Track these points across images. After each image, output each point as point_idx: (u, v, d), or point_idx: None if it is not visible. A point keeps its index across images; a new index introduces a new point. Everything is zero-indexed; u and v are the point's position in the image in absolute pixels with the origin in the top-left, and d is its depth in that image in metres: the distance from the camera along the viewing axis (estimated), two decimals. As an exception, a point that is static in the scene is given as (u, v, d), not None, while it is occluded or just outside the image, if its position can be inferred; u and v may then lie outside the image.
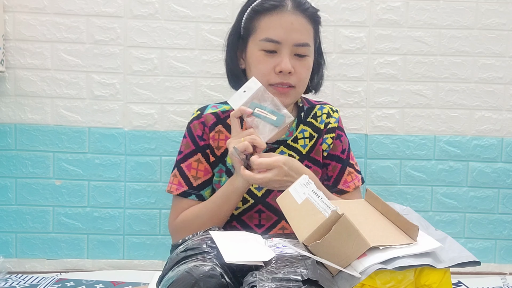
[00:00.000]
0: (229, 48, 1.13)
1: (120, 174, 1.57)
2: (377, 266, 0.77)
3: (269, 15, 1.04)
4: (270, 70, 1.04)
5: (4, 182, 1.55)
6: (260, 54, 1.05)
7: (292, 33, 1.03)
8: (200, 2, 1.54)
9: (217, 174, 1.12)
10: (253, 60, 1.06)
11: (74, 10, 1.53)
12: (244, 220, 1.11)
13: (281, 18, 1.03)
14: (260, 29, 1.05)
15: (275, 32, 1.03)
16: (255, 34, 1.06)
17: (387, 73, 1.58)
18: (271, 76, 1.04)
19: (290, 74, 1.04)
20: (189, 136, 1.14)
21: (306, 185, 0.92)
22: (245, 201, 1.10)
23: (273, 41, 1.03)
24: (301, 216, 0.87)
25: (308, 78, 1.10)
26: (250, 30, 1.07)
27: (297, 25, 1.03)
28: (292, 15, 1.03)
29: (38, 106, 1.54)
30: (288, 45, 1.03)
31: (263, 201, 1.10)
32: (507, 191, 1.61)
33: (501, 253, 1.63)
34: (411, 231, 0.83)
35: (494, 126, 1.60)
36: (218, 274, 0.76)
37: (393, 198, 1.59)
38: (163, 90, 1.56)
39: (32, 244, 1.57)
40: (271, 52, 1.04)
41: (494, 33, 1.58)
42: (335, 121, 1.17)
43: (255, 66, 1.06)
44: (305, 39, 1.05)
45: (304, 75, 1.07)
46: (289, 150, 1.13)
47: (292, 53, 1.04)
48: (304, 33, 1.05)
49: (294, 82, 1.05)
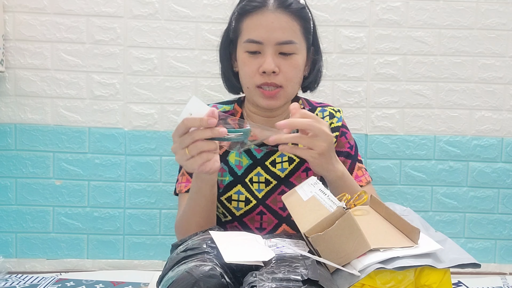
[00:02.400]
0: (222, 52, 1.13)
1: (120, 174, 1.57)
2: (377, 266, 0.77)
3: (251, 16, 1.03)
4: (255, 71, 1.03)
5: (4, 182, 1.55)
6: (245, 56, 1.04)
7: (273, 32, 1.01)
8: (200, 2, 1.54)
9: (219, 174, 1.12)
10: (240, 62, 1.06)
11: (74, 10, 1.53)
12: (246, 222, 1.11)
13: (262, 18, 1.02)
14: (244, 31, 1.05)
15: (256, 33, 1.02)
16: (241, 36, 1.06)
17: (387, 73, 1.58)
18: (256, 78, 1.03)
19: (275, 73, 1.02)
20: None
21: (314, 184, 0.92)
22: (247, 201, 1.10)
23: (255, 42, 1.02)
24: (305, 210, 0.87)
25: (297, 77, 1.07)
26: (237, 33, 1.07)
27: (278, 24, 1.01)
28: (273, 14, 1.02)
29: (38, 106, 1.54)
30: (270, 45, 1.02)
31: (263, 203, 1.10)
32: (507, 191, 1.61)
33: (501, 253, 1.63)
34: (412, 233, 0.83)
35: (494, 126, 1.60)
36: (218, 274, 0.76)
37: (393, 198, 1.59)
38: (163, 90, 1.56)
39: (32, 244, 1.57)
40: (254, 53, 1.03)
41: (494, 33, 1.58)
42: (337, 121, 1.16)
43: (242, 68, 1.06)
44: (288, 36, 1.02)
45: (291, 74, 1.04)
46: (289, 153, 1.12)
47: (276, 52, 1.02)
48: (287, 30, 1.02)
49: (281, 82, 1.03)
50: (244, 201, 1.09)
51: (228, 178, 1.11)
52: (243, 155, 1.11)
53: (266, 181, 1.10)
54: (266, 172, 1.10)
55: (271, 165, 1.11)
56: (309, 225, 0.82)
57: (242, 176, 1.10)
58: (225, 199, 1.10)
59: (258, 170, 1.10)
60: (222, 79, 1.16)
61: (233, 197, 1.10)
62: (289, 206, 0.93)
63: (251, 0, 1.04)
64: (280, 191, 1.09)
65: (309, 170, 1.11)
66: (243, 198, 1.09)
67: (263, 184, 1.10)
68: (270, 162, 1.11)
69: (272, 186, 1.10)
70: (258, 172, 1.10)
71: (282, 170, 1.10)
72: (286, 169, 1.10)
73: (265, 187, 1.10)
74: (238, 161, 1.11)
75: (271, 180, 1.10)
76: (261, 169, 1.10)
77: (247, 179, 1.10)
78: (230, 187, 1.10)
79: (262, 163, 1.11)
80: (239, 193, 1.10)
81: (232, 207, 1.10)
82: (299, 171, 1.11)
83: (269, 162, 1.11)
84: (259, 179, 1.10)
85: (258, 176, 1.10)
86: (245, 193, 1.09)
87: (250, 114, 1.13)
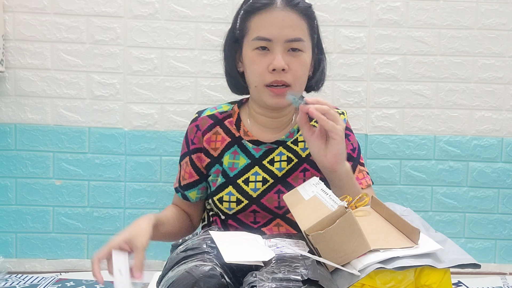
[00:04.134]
0: (226, 51, 1.13)
1: (120, 174, 1.57)
2: (376, 265, 0.77)
3: (259, 14, 1.03)
4: (264, 70, 1.02)
5: (4, 182, 1.55)
6: (253, 54, 1.04)
7: (283, 29, 1.01)
8: (200, 2, 1.54)
9: (214, 175, 1.13)
10: (248, 61, 1.06)
11: (74, 10, 1.53)
12: (240, 218, 1.11)
13: (271, 16, 1.02)
14: (252, 29, 1.04)
15: (266, 30, 1.02)
16: (248, 34, 1.05)
17: (387, 73, 1.58)
18: (265, 76, 1.03)
19: (285, 71, 1.02)
20: (184, 138, 1.17)
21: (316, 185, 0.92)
22: (239, 202, 1.09)
23: (264, 39, 1.02)
24: (306, 209, 0.88)
25: (305, 76, 1.07)
26: (243, 31, 1.07)
27: (288, 21, 1.02)
28: (282, 12, 1.02)
29: (38, 106, 1.54)
30: (280, 42, 1.02)
31: (258, 201, 1.09)
32: (507, 191, 1.61)
33: (501, 253, 1.63)
34: (412, 234, 0.83)
35: (494, 126, 1.60)
36: (218, 274, 0.76)
37: (393, 198, 1.59)
38: (163, 90, 1.56)
39: (32, 244, 1.57)
40: (263, 50, 1.03)
41: (494, 33, 1.58)
42: None
43: (249, 67, 1.05)
44: (297, 34, 1.03)
45: (300, 72, 1.04)
46: (288, 151, 1.11)
47: (285, 49, 1.02)
48: (296, 28, 1.03)
49: (290, 80, 1.03)
50: (235, 201, 1.10)
51: (221, 179, 1.11)
52: (241, 156, 1.11)
53: (263, 180, 1.10)
54: (264, 171, 1.10)
55: (269, 164, 1.11)
56: (310, 223, 0.82)
57: (234, 178, 1.10)
58: (217, 200, 1.11)
59: (256, 169, 1.10)
60: (227, 79, 1.15)
61: (224, 198, 1.10)
62: (290, 205, 0.93)
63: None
64: (276, 190, 1.09)
65: (307, 171, 1.10)
66: (234, 199, 1.09)
67: (260, 183, 1.10)
68: (268, 161, 1.11)
69: (269, 185, 1.10)
70: (256, 171, 1.10)
71: (280, 169, 1.10)
72: (284, 169, 1.10)
73: (261, 186, 1.09)
74: (231, 163, 1.11)
75: (268, 179, 1.10)
76: (259, 168, 1.10)
77: (240, 180, 1.10)
78: (222, 188, 1.11)
79: (260, 162, 1.11)
80: (230, 194, 1.10)
81: (224, 208, 1.10)
82: (297, 171, 1.10)
83: (267, 161, 1.11)
84: (256, 178, 1.10)
85: (255, 176, 1.10)
86: (236, 194, 1.09)
87: (254, 114, 1.13)
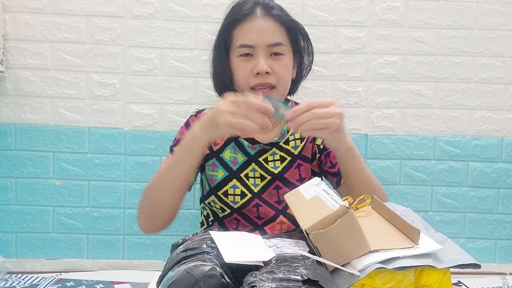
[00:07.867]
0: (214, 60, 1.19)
1: (120, 174, 1.57)
2: (377, 265, 0.77)
3: (241, 23, 1.11)
4: (248, 73, 1.10)
5: (4, 182, 1.55)
6: (238, 61, 1.12)
7: (263, 35, 1.10)
8: (200, 2, 1.54)
9: (209, 168, 1.16)
10: (234, 67, 1.13)
11: (74, 10, 1.53)
12: (244, 213, 1.14)
13: (252, 24, 1.10)
14: (235, 38, 1.12)
15: (248, 37, 1.10)
16: (233, 43, 1.13)
17: (387, 73, 1.58)
18: (250, 79, 1.10)
19: (268, 74, 1.09)
20: (185, 126, 1.20)
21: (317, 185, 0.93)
22: (243, 195, 1.13)
23: (247, 46, 1.10)
24: (307, 208, 0.88)
25: (288, 77, 1.15)
26: (228, 41, 1.14)
27: (268, 28, 1.10)
28: (262, 20, 1.10)
29: (38, 106, 1.54)
30: (262, 47, 1.09)
31: (259, 196, 1.14)
32: (507, 191, 1.61)
33: (501, 253, 1.63)
34: (412, 234, 0.84)
35: (494, 126, 1.60)
36: (218, 274, 0.77)
37: (393, 198, 1.59)
38: (163, 90, 1.56)
39: (32, 244, 1.57)
40: (247, 56, 1.11)
41: (494, 33, 1.58)
42: None
43: (235, 72, 1.13)
44: (277, 39, 1.11)
45: (283, 73, 1.12)
46: (281, 151, 1.16)
47: (267, 54, 1.10)
48: (276, 34, 1.11)
49: (274, 82, 1.10)
50: (239, 194, 1.13)
51: (224, 173, 1.15)
52: (238, 152, 1.15)
53: (261, 176, 1.14)
54: (261, 168, 1.15)
55: (264, 162, 1.15)
56: (311, 222, 0.83)
57: (238, 171, 1.15)
58: (222, 194, 1.14)
59: (253, 166, 1.15)
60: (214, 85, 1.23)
61: (229, 191, 1.14)
62: (291, 204, 0.94)
63: (239, 10, 1.12)
64: (275, 186, 1.14)
65: (301, 165, 1.15)
66: (238, 192, 1.13)
67: (259, 179, 1.14)
68: (263, 159, 1.16)
69: (267, 181, 1.14)
70: (253, 168, 1.15)
71: (275, 167, 1.15)
72: (279, 167, 1.15)
73: (260, 182, 1.14)
74: (233, 157, 1.15)
75: (266, 175, 1.15)
76: (256, 165, 1.15)
77: (242, 174, 1.14)
78: (226, 181, 1.14)
79: (256, 159, 1.15)
80: (235, 187, 1.14)
81: (229, 201, 1.13)
82: (292, 168, 1.15)
83: (263, 159, 1.16)
84: (254, 175, 1.14)
85: (253, 172, 1.14)
86: (241, 187, 1.13)
87: None
